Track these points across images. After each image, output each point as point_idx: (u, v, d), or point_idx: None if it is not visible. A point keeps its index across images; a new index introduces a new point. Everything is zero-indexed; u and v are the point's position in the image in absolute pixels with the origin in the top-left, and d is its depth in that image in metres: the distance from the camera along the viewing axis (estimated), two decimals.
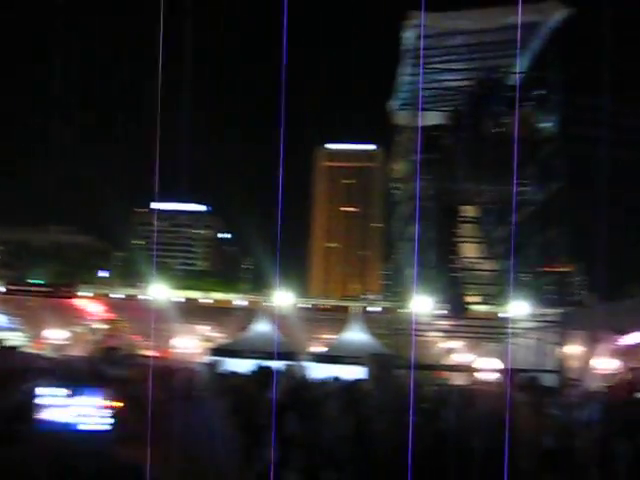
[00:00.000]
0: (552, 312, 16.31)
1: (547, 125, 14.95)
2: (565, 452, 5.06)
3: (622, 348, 18.83)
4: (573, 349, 15.51)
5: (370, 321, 31.63)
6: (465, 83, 16.52)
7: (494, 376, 14.42)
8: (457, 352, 26.43)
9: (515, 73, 16.32)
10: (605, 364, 18.27)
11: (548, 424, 7.39)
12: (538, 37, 15.57)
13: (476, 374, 17.40)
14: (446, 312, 17.47)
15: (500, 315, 17.90)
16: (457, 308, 16.85)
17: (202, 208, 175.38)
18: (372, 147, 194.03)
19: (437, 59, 16.03)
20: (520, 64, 16.22)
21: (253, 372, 10.84)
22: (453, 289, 16.72)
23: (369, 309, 61.06)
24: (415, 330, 15.94)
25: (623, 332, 15.83)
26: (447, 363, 23.99)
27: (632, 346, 19.47)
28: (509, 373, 11.63)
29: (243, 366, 14.75)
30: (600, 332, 14.42)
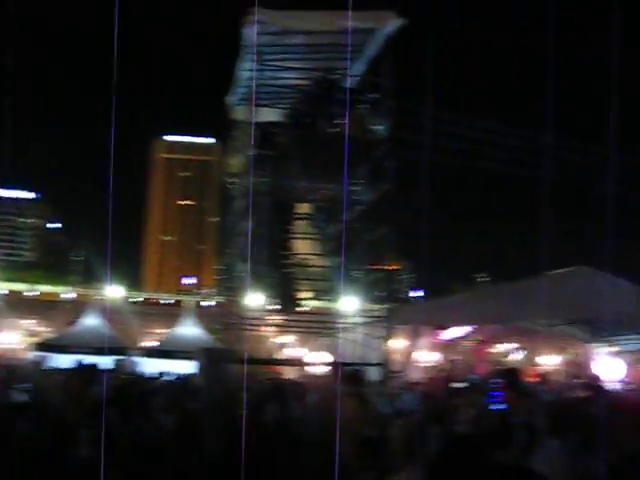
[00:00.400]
0: (380, 308, 16.96)
1: (379, 128, 15.53)
2: (384, 439, 5.34)
3: (442, 342, 19.96)
4: (398, 343, 16.22)
5: (203, 315, 31.43)
6: (302, 82, 16.80)
7: (323, 369, 14.82)
8: (289, 346, 26.87)
9: (350, 76, 16.83)
10: (427, 357, 19.31)
11: (370, 414, 7.74)
12: (374, 43, 16.14)
13: (307, 368, 17.79)
14: (278, 307, 17.72)
15: (330, 310, 18.39)
16: (289, 303, 17.13)
17: (30, 195, 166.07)
18: (210, 141, 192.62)
19: (275, 57, 16.20)
20: (355, 68, 16.76)
21: (76, 368, 10.50)
22: (285, 284, 16.99)
23: (203, 303, 60.69)
24: (247, 325, 16.04)
25: (444, 327, 16.77)
26: (279, 357, 24.34)
27: (451, 340, 20.68)
28: (337, 367, 12.00)
29: (69, 362, 14.21)
30: (423, 327, 15.17)
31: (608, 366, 18.49)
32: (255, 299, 19.57)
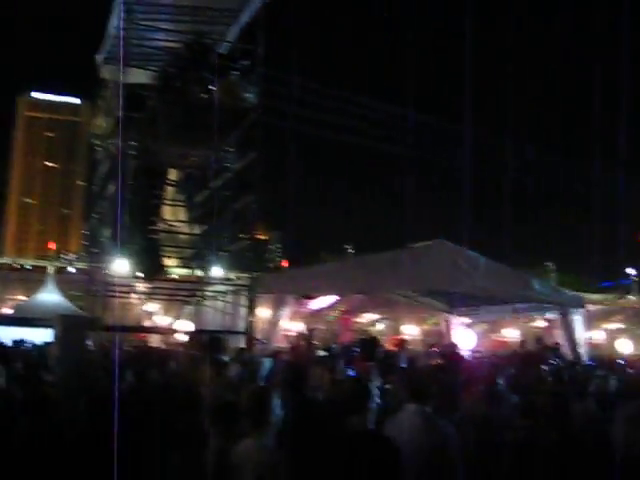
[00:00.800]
0: (246, 276, 17.02)
1: (250, 96, 15.42)
2: (237, 405, 5.39)
3: (309, 311, 20.31)
4: (263, 312, 16.37)
5: (67, 282, 30.40)
6: (175, 45, 16.39)
7: (187, 337, 14.73)
8: (155, 314, 26.48)
9: (224, 41, 16.60)
10: (292, 326, 19.60)
11: (228, 380, 7.80)
12: (248, 9, 15.96)
13: (171, 335, 17.66)
14: (143, 274, 17.40)
15: (197, 278, 18.26)
16: (155, 270, 16.85)
17: None
18: (78, 100, 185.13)
19: (148, 16, 15.70)
20: (229, 33, 16.54)
21: None
22: (151, 251, 16.68)
23: (67, 269, 58.69)
24: (112, 291, 15.66)
25: (310, 296, 17.09)
26: (145, 325, 23.95)
27: (318, 310, 21.09)
28: (197, 334, 11.99)
29: None
30: (288, 296, 15.37)
31: (463, 336, 19.54)
32: (120, 265, 19.12)
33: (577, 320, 17.10)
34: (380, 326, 32.13)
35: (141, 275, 17.66)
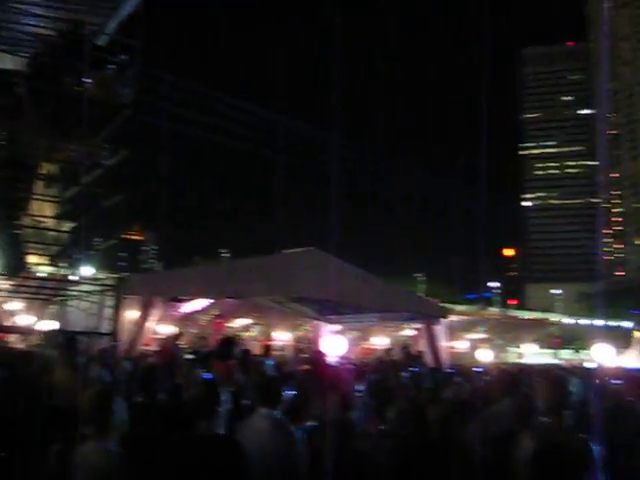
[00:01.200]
0: (114, 276, 16.56)
1: (125, 91, 15.00)
2: (79, 408, 5.18)
3: (180, 314, 19.98)
4: (131, 314, 15.96)
5: None
6: (48, 32, 15.73)
7: (43, 337, 14.16)
8: (17, 313, 25.34)
9: (102, 34, 16.08)
10: (162, 329, 19.23)
11: (83, 382, 7.53)
12: (129, 3, 15.55)
13: (31, 335, 16.93)
14: (6, 271, 16.60)
15: (62, 277, 17.55)
16: (17, 267, 16.11)
17: None
18: None
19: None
20: (107, 25, 16.04)
21: None
22: (14, 247, 15.93)
23: None
24: None
25: (178, 299, 16.83)
26: (6, 324, 22.85)
27: (189, 313, 20.79)
28: (55, 334, 11.57)
29: None
30: (157, 298, 15.05)
31: (333, 342, 19.82)
32: None
33: (439, 329, 17.71)
34: (253, 331, 32.14)
35: (3, 272, 16.85)
